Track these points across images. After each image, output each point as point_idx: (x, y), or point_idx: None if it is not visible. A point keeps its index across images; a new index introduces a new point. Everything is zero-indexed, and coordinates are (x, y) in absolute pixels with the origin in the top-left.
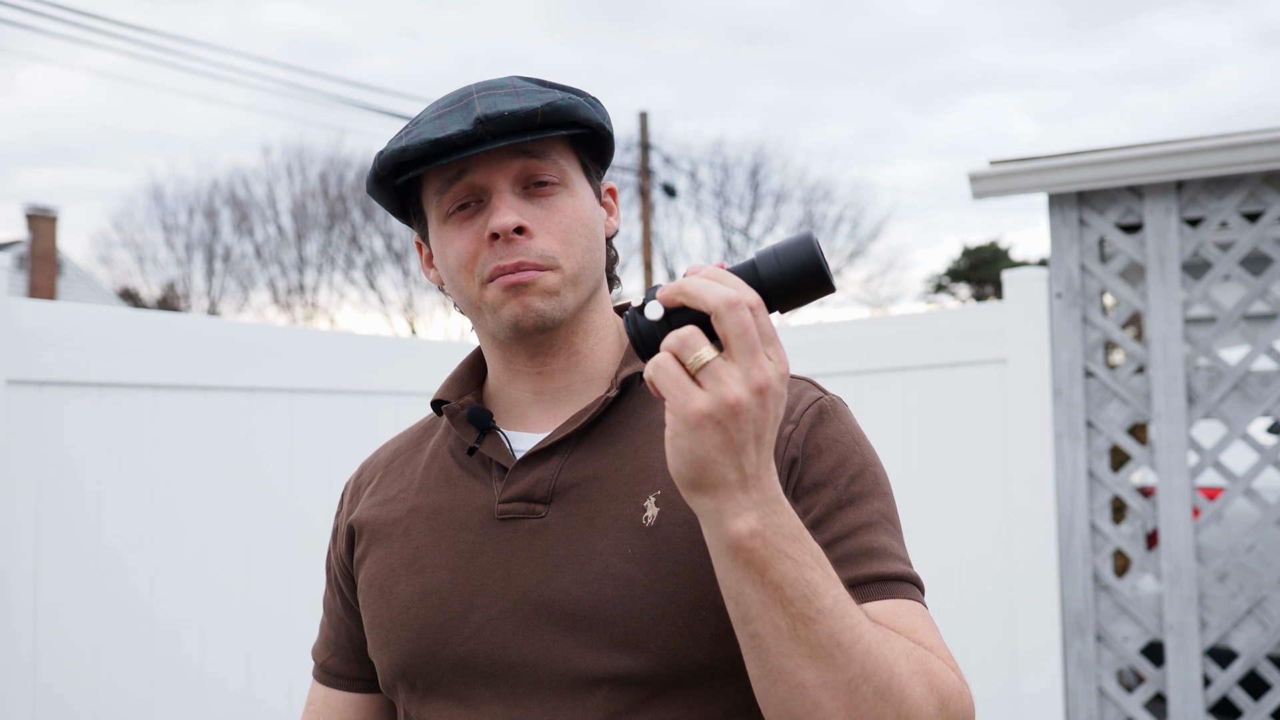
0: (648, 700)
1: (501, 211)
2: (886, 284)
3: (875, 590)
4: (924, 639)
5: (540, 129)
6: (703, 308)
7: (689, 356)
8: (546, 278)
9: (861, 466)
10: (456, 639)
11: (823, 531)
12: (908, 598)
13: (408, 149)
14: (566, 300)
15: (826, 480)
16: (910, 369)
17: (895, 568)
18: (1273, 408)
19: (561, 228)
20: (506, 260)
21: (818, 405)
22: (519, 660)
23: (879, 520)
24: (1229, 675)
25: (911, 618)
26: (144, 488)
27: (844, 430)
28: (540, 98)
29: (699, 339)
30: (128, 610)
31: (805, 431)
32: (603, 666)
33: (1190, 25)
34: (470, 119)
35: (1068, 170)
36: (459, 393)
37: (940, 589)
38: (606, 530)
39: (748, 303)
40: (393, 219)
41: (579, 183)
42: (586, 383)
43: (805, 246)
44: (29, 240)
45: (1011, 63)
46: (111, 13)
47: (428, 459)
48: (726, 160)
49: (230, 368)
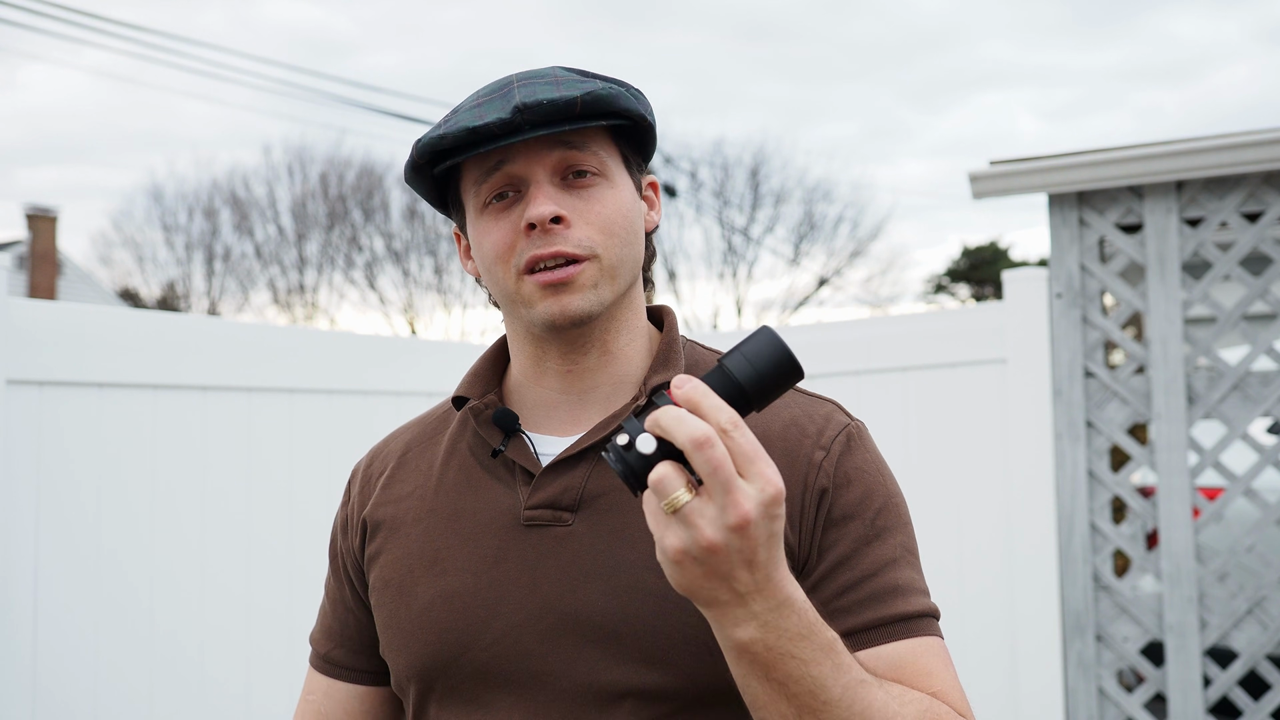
0: (670, 716)
1: (539, 201)
2: (886, 284)
3: (900, 630)
4: (938, 682)
5: (579, 119)
6: (678, 444)
7: (665, 499)
8: (585, 271)
9: (886, 499)
10: (479, 645)
11: (851, 568)
12: (928, 634)
13: (445, 137)
14: (604, 293)
15: (854, 513)
16: (910, 369)
17: (918, 605)
18: (1273, 408)
19: (601, 219)
20: (544, 249)
21: (846, 433)
22: (542, 669)
23: (902, 555)
24: (1229, 675)
25: (929, 658)
26: (144, 488)
27: (870, 460)
28: (580, 87)
29: (674, 481)
30: (127, 610)
31: (836, 460)
32: (628, 680)
33: (1198, 22)
34: (509, 107)
35: (1068, 170)
36: (482, 390)
37: (940, 589)
38: (635, 543)
39: (723, 427)
40: (392, 219)
41: (619, 174)
42: (615, 385)
43: (772, 343)
44: (29, 240)
45: (1017, 60)
46: (111, 12)
47: (445, 455)
48: (726, 160)
49: (230, 368)
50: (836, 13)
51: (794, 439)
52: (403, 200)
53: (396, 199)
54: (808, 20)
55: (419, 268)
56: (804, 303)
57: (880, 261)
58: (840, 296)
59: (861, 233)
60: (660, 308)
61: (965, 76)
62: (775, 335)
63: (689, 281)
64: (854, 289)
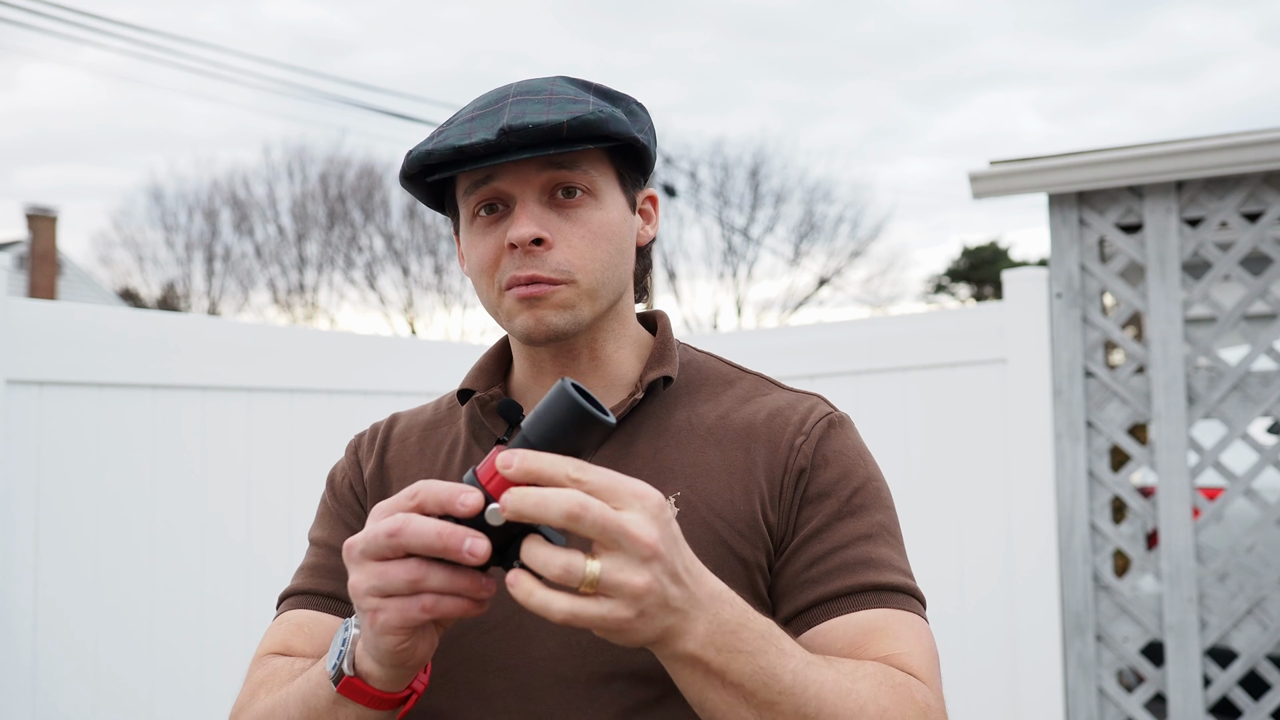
0: (659, 698)
1: (521, 222)
2: (886, 284)
3: (871, 599)
4: (903, 647)
5: (566, 142)
6: (551, 524)
7: (578, 582)
8: (561, 291)
9: (865, 480)
10: (477, 630)
11: (822, 540)
12: (901, 608)
13: (432, 154)
14: (582, 313)
15: (830, 491)
16: (910, 369)
17: (891, 578)
18: (1273, 408)
19: (584, 241)
20: (522, 271)
21: (827, 419)
22: (535, 653)
23: (879, 532)
24: (1229, 675)
25: (900, 627)
26: (143, 488)
27: (850, 445)
28: (569, 110)
29: (577, 562)
30: (125, 612)
31: (815, 443)
32: (619, 663)
33: (1201, 21)
34: (496, 128)
35: (1068, 170)
36: (486, 383)
37: (941, 591)
38: None
39: (574, 478)
40: (392, 219)
41: (609, 194)
42: (608, 386)
43: (561, 398)
44: (29, 240)
45: (1021, 59)
46: (111, 11)
47: (450, 444)
48: (726, 160)
49: (230, 368)
50: (840, 12)
51: (778, 427)
52: (403, 200)
53: (396, 199)
54: (812, 19)
55: (419, 267)
56: (804, 303)
57: (880, 261)
58: (840, 296)
59: (861, 233)
60: (654, 312)
61: (968, 76)
62: (564, 390)
63: (689, 281)
64: (854, 289)
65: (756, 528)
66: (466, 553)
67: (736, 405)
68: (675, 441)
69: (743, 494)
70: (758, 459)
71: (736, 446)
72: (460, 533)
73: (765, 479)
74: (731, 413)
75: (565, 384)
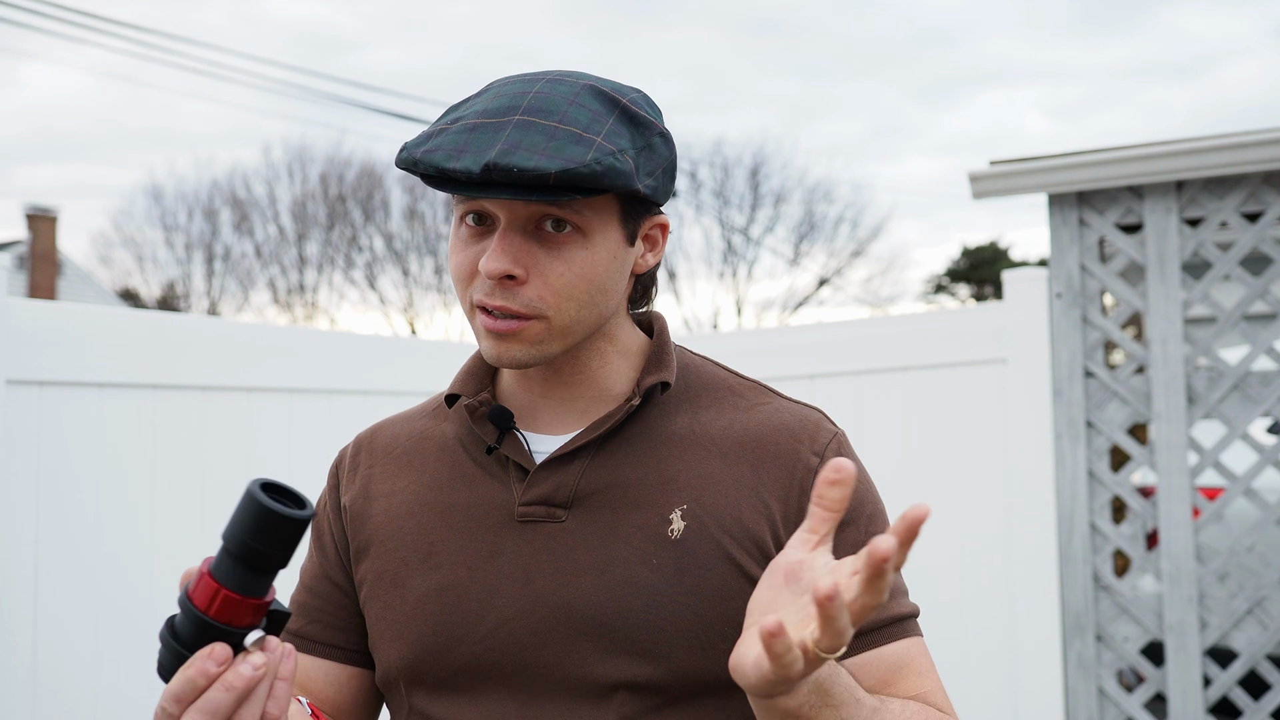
0: (659, 708)
1: (496, 255)
2: (887, 284)
3: (898, 631)
4: (928, 681)
5: (553, 190)
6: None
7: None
8: (531, 327)
9: (875, 506)
10: (472, 637)
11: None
12: (916, 634)
13: (418, 164)
14: (550, 349)
15: (850, 519)
16: (910, 369)
17: (907, 606)
18: (1273, 408)
19: (562, 279)
20: (491, 300)
21: (835, 441)
22: (535, 662)
23: None
24: (1229, 675)
25: (921, 659)
26: (144, 488)
27: (857, 466)
28: (564, 155)
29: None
30: (128, 610)
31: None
32: (620, 673)
33: (1207, 19)
34: (482, 160)
35: (1067, 170)
36: (475, 388)
37: (940, 589)
38: (629, 539)
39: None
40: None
41: (601, 232)
42: (595, 398)
43: (250, 504)
44: (29, 240)
45: (1025, 57)
46: (111, 11)
47: (437, 450)
48: (727, 160)
49: (230, 368)
50: (844, 9)
51: (786, 442)
52: (403, 200)
53: (396, 199)
54: (815, 17)
55: (419, 268)
56: (804, 303)
57: (880, 261)
58: (840, 296)
59: (862, 233)
60: (650, 314)
61: (972, 74)
62: (250, 495)
63: (689, 281)
64: (854, 289)
65: (764, 548)
66: (215, 663)
67: (739, 415)
68: (678, 451)
69: (750, 512)
70: (765, 477)
71: (743, 461)
72: (220, 662)
73: (776, 499)
74: (735, 423)
75: (253, 486)
